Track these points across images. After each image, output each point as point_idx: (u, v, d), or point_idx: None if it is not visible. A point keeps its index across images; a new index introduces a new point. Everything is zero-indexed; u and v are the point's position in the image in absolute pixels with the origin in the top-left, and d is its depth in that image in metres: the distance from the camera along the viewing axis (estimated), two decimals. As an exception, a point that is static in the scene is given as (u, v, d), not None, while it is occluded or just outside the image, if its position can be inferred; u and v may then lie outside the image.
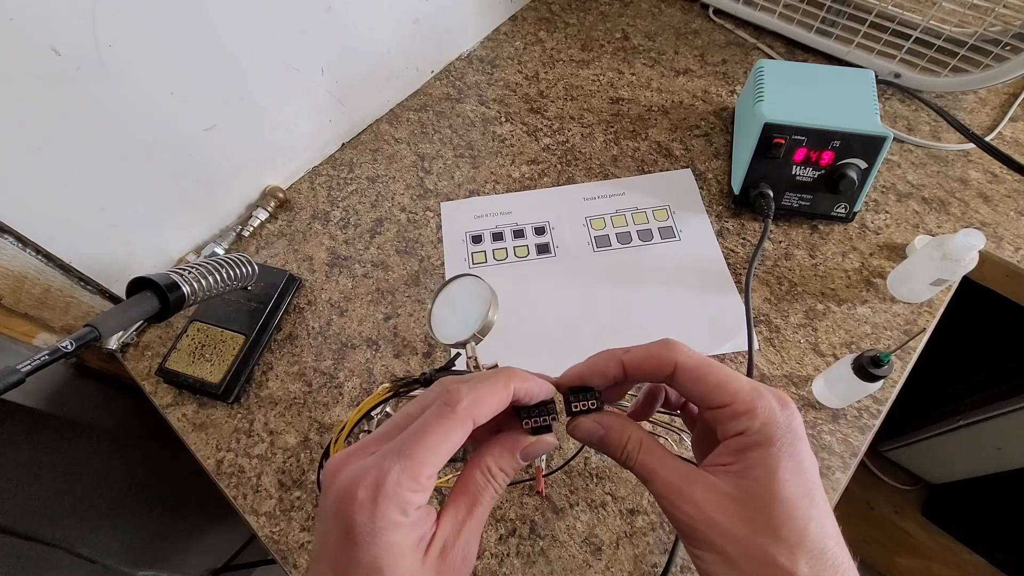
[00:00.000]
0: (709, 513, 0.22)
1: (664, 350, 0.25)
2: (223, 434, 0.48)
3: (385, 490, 0.20)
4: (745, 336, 0.47)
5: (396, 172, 0.64)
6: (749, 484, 0.22)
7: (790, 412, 0.23)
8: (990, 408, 0.82)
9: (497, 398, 0.23)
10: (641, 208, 0.58)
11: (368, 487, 0.21)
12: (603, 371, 0.27)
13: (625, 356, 0.26)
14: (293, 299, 0.55)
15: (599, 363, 0.27)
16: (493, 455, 0.25)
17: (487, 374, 0.24)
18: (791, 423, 0.23)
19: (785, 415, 0.23)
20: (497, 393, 0.23)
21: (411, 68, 0.70)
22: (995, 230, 0.54)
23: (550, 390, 0.26)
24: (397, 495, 0.20)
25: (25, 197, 0.43)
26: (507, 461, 0.25)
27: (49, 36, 0.38)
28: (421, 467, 0.21)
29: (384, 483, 0.20)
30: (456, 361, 0.38)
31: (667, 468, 0.24)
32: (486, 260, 0.56)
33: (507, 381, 0.24)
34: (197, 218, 0.57)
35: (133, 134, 0.46)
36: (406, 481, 0.21)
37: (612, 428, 0.27)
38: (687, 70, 0.71)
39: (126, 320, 0.36)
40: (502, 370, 0.25)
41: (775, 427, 0.22)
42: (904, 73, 0.63)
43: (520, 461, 0.26)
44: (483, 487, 0.24)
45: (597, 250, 0.56)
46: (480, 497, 0.24)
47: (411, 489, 0.21)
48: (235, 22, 0.48)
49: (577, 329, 0.51)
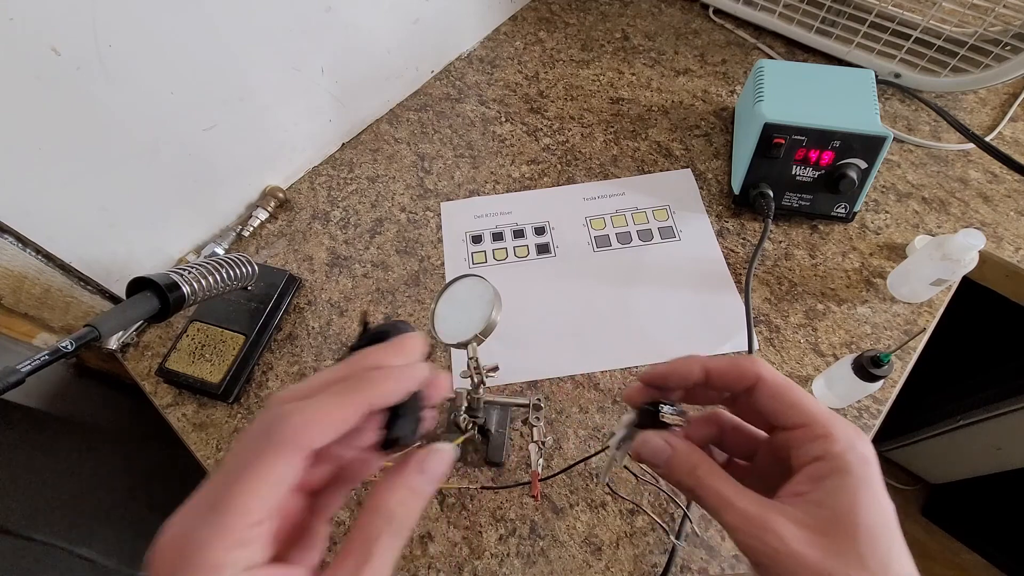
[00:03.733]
0: (792, 545, 0.20)
1: (748, 362, 0.24)
2: (223, 434, 0.48)
3: (189, 559, 0.16)
4: (745, 336, 0.47)
5: (396, 172, 0.64)
6: (829, 514, 0.21)
7: (866, 442, 0.22)
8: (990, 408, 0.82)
9: (335, 417, 0.19)
10: (641, 208, 0.58)
11: (167, 559, 0.17)
12: (687, 373, 0.25)
13: (709, 362, 0.25)
14: (293, 299, 0.55)
15: (683, 365, 0.25)
16: (384, 487, 0.21)
17: (335, 382, 0.20)
18: (867, 453, 0.22)
19: (862, 444, 0.22)
20: (334, 412, 0.19)
21: (411, 68, 0.70)
22: (995, 230, 0.54)
23: (416, 382, 0.21)
24: (205, 561, 0.16)
25: (25, 197, 0.43)
26: (401, 493, 0.20)
27: (49, 36, 0.38)
28: (237, 518, 0.17)
29: (185, 549, 0.16)
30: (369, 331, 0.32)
31: (743, 498, 0.22)
32: (486, 260, 0.56)
33: (354, 391, 0.19)
34: (197, 218, 0.57)
35: (133, 134, 0.46)
36: (217, 540, 0.16)
37: (680, 451, 0.24)
38: (687, 70, 0.71)
39: (126, 320, 0.36)
40: (354, 377, 0.20)
41: (854, 455, 0.21)
42: (904, 73, 0.63)
43: (423, 487, 0.21)
44: (377, 531, 0.19)
45: (597, 250, 0.56)
46: (373, 546, 0.19)
47: (226, 548, 0.16)
48: (235, 22, 0.48)
49: (577, 329, 0.51)
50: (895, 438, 1.05)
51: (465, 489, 0.43)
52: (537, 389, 0.48)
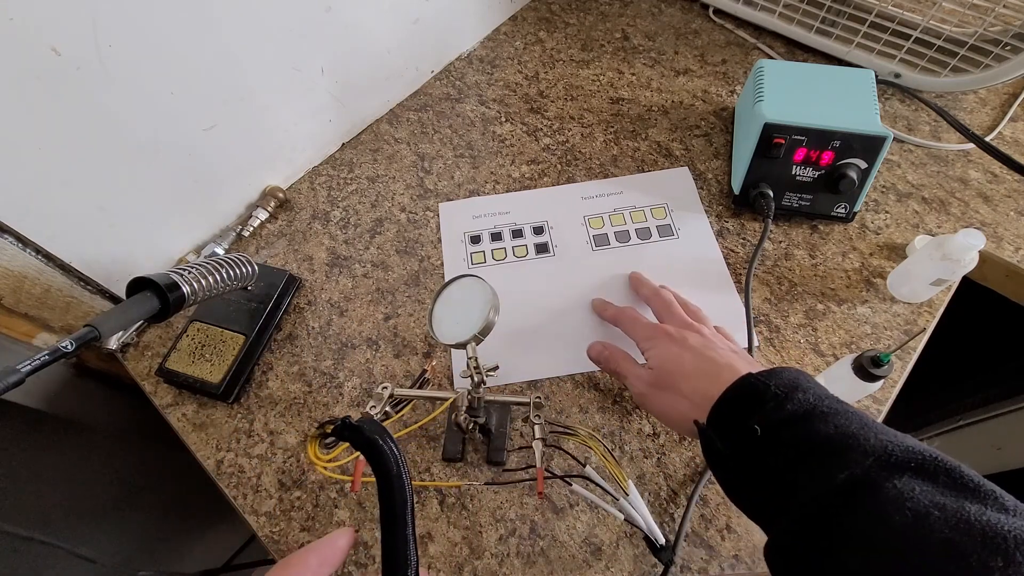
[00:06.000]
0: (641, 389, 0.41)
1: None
2: (223, 434, 0.48)
3: None
4: (745, 335, 0.47)
5: (396, 172, 0.64)
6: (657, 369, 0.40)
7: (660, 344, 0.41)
8: (990, 408, 0.82)
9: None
10: (639, 207, 0.58)
11: None
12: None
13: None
14: (293, 299, 0.55)
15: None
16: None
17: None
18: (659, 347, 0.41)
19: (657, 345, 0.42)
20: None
21: (411, 68, 0.70)
22: (995, 230, 0.54)
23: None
24: None
25: (25, 197, 0.43)
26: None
27: (49, 36, 0.38)
28: None
29: None
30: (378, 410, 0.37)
31: (635, 369, 0.42)
32: (485, 260, 0.56)
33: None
34: (197, 218, 0.57)
35: (133, 134, 0.46)
36: None
37: (610, 348, 0.45)
38: (687, 70, 0.71)
39: (126, 320, 0.36)
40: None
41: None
42: (904, 73, 0.63)
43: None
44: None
45: (596, 249, 0.56)
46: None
47: None
48: (235, 22, 0.48)
49: (576, 328, 0.51)
50: (895, 438, 1.05)
51: (467, 488, 0.43)
52: (537, 389, 0.48)
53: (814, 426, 0.28)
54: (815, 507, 0.26)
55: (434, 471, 0.45)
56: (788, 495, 0.28)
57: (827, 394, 0.30)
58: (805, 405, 0.29)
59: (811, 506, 0.26)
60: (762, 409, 0.30)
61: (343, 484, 0.44)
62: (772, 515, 0.29)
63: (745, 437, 0.30)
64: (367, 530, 0.42)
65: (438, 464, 0.45)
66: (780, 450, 0.29)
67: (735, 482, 0.31)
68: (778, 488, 0.28)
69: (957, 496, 0.24)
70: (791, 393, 0.30)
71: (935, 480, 0.25)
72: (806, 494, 0.27)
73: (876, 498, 0.25)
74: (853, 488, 0.25)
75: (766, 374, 0.32)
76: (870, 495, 0.25)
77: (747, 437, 0.30)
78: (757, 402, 0.30)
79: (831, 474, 0.26)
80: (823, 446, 0.27)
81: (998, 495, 0.24)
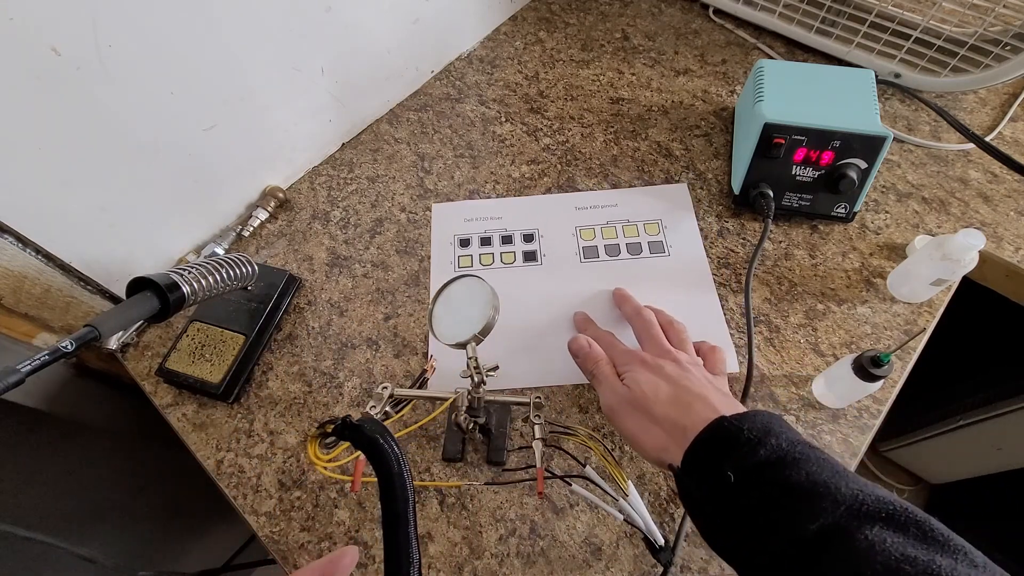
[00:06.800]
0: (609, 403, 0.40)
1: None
2: (223, 434, 0.48)
3: None
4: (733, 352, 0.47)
5: (396, 172, 0.64)
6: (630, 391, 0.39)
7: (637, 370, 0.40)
8: (990, 408, 0.82)
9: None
10: (632, 221, 0.57)
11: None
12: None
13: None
14: (293, 299, 0.55)
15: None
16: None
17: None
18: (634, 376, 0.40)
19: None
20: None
21: (411, 68, 0.70)
22: (995, 230, 0.54)
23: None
24: None
25: (25, 197, 0.43)
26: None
27: (49, 36, 0.38)
28: None
29: None
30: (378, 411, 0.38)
31: (610, 379, 0.41)
32: (472, 264, 0.55)
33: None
34: (197, 218, 0.57)
35: (133, 134, 0.46)
36: None
37: (594, 347, 0.43)
38: (687, 70, 0.71)
39: (126, 320, 0.36)
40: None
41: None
42: (904, 73, 0.63)
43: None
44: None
45: (584, 261, 0.55)
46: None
47: None
48: (235, 22, 0.48)
49: (558, 338, 0.49)
50: (895, 438, 1.05)
51: (467, 488, 0.43)
52: (536, 388, 0.48)
53: (785, 472, 0.28)
54: (788, 556, 0.26)
55: (434, 471, 0.45)
56: (761, 540, 0.28)
57: (800, 439, 0.30)
58: (777, 451, 0.29)
59: (783, 555, 0.26)
60: (736, 453, 0.30)
61: (343, 484, 0.44)
62: (745, 558, 0.29)
63: (720, 482, 0.30)
64: (367, 530, 0.42)
65: (438, 464, 0.45)
66: (753, 495, 0.29)
67: (711, 526, 0.31)
68: (751, 532, 0.28)
69: (928, 549, 0.24)
70: (763, 438, 0.30)
71: (905, 532, 0.25)
72: (779, 541, 0.27)
73: (848, 548, 0.25)
74: (826, 538, 0.25)
75: (739, 418, 0.31)
76: (842, 545, 0.25)
77: (722, 482, 0.30)
78: (730, 446, 0.30)
79: (803, 523, 0.26)
80: (794, 492, 0.27)
81: (967, 551, 0.24)
